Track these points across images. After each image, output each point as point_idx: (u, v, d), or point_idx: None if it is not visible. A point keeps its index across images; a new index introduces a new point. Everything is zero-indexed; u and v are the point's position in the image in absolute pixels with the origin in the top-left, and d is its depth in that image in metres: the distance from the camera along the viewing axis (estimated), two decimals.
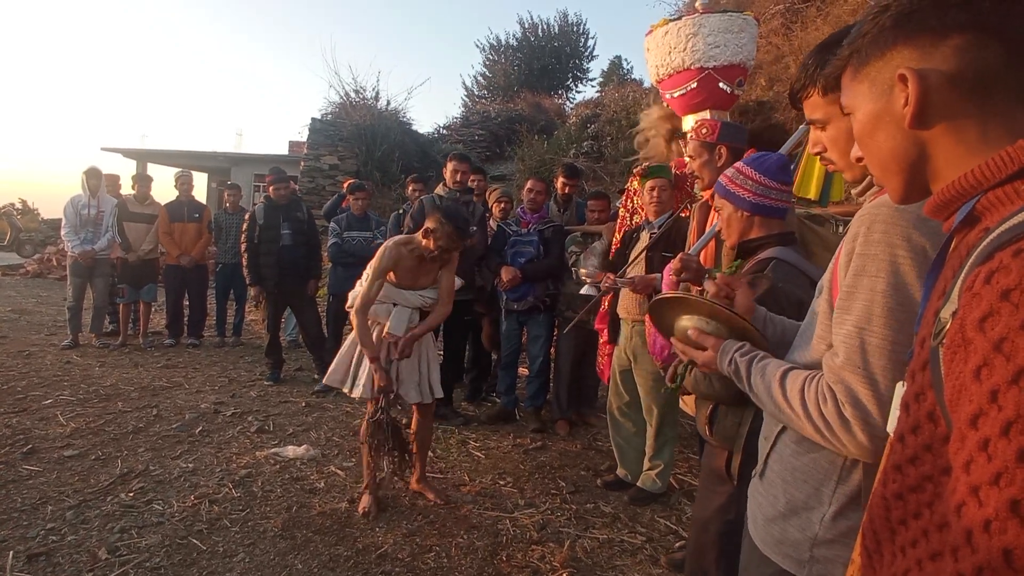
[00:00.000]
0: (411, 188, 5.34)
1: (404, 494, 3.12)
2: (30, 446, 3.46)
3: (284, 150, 17.45)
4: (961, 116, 0.62)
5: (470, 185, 4.53)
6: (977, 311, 0.49)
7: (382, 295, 2.90)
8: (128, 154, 17.22)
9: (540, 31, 19.89)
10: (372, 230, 5.23)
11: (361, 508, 2.91)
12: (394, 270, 2.86)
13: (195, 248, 6.25)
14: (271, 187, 5.04)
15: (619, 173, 9.02)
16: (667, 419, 3.19)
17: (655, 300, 1.25)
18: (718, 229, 2.17)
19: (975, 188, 0.60)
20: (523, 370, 4.79)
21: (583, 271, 3.48)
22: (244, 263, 5.04)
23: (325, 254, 5.77)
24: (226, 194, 6.74)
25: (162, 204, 6.35)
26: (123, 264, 6.07)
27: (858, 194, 1.11)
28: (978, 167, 0.59)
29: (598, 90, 17.15)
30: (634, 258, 3.23)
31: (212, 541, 2.63)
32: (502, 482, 3.38)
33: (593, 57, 20.62)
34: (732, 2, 7.70)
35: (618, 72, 19.17)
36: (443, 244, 2.78)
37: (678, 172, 3.43)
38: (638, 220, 3.56)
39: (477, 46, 31.09)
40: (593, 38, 20.50)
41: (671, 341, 1.27)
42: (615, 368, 3.37)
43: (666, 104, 4.45)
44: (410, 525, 2.85)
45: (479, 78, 20.61)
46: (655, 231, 3.20)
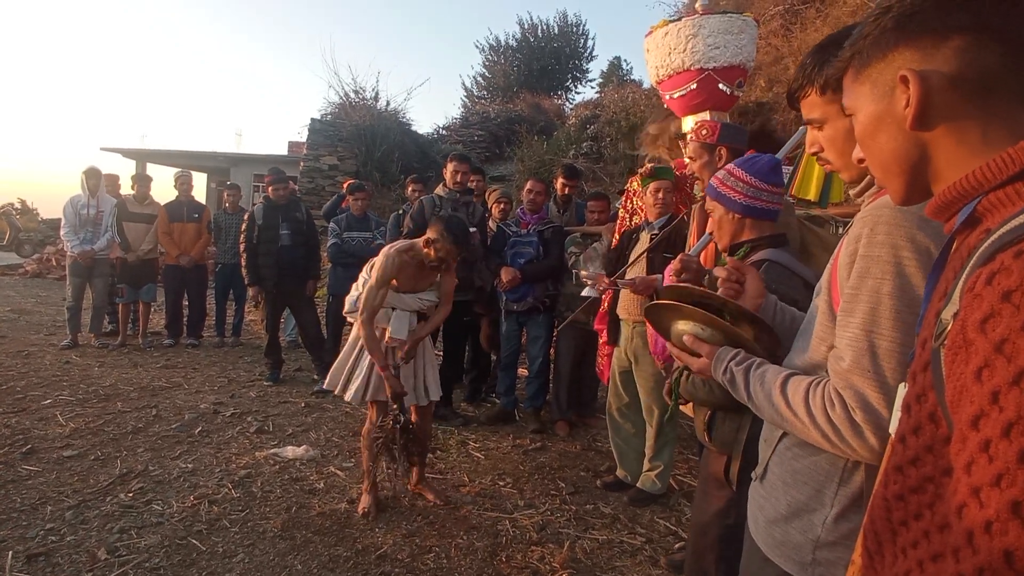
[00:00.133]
0: (411, 188, 5.35)
1: (404, 495, 3.12)
2: (29, 446, 3.46)
3: (284, 150, 17.42)
4: (962, 117, 0.62)
5: (470, 186, 4.53)
6: (978, 312, 0.49)
7: None
8: (127, 154, 17.21)
9: (540, 32, 19.91)
10: (372, 230, 5.24)
11: (361, 509, 2.91)
12: (395, 276, 2.88)
13: (194, 248, 6.25)
14: (270, 187, 5.03)
15: (619, 174, 9.03)
16: (668, 420, 3.19)
17: (649, 305, 1.24)
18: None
19: (976, 189, 0.60)
20: (523, 371, 4.79)
21: (583, 273, 3.48)
22: (243, 263, 5.04)
23: (324, 254, 5.77)
24: (225, 194, 6.74)
25: (161, 204, 6.35)
26: (122, 264, 6.06)
27: (856, 195, 1.11)
28: (979, 168, 0.59)
29: (597, 91, 17.18)
30: (635, 259, 3.23)
31: (212, 541, 2.63)
32: (502, 483, 3.37)
33: (592, 58, 20.69)
34: (732, 3, 7.71)
35: (618, 73, 19.20)
36: (443, 256, 2.83)
37: (678, 173, 3.44)
38: (637, 221, 3.57)
39: (477, 47, 31.17)
40: (593, 39, 20.57)
41: (668, 345, 1.27)
42: (615, 369, 3.37)
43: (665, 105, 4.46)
44: (410, 526, 2.85)
45: (479, 79, 20.66)
46: (655, 232, 3.20)
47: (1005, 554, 0.43)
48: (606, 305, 3.56)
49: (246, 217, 5.15)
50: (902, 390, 0.69)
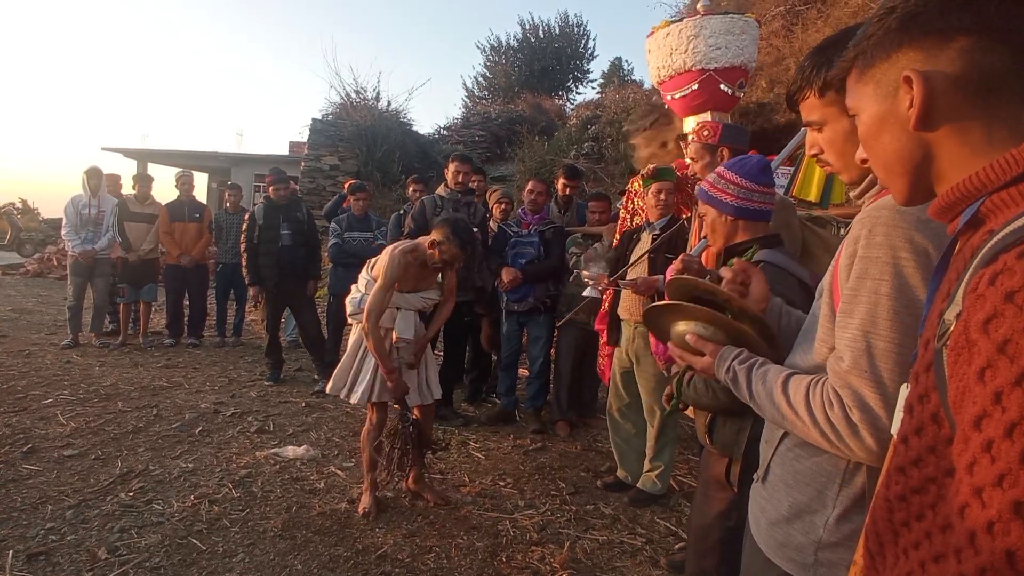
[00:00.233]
0: (412, 189, 5.36)
1: (404, 495, 3.12)
2: (30, 445, 3.46)
3: (284, 150, 17.45)
4: (966, 118, 0.62)
5: (471, 186, 4.53)
6: (981, 313, 0.49)
7: None
8: (129, 154, 17.23)
9: (541, 32, 19.91)
10: (373, 230, 5.24)
11: (361, 508, 2.91)
12: (401, 277, 2.88)
13: (195, 248, 6.26)
14: (271, 187, 5.04)
15: (620, 174, 9.02)
16: (668, 421, 3.19)
17: (650, 307, 1.23)
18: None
19: (980, 190, 0.60)
20: (523, 371, 4.79)
21: (584, 273, 3.48)
22: (243, 263, 5.04)
23: (325, 254, 5.78)
24: (227, 194, 6.74)
25: (163, 204, 6.36)
26: (123, 264, 6.07)
27: (856, 196, 1.11)
28: (983, 169, 0.59)
29: (598, 91, 17.17)
30: (636, 260, 3.23)
31: (212, 541, 2.63)
32: (502, 483, 3.37)
33: (593, 58, 20.68)
34: (733, 4, 7.72)
35: (618, 73, 19.20)
36: (447, 259, 2.84)
37: (679, 174, 3.44)
38: (638, 221, 3.57)
39: (478, 47, 31.18)
40: (594, 39, 20.56)
41: (668, 346, 1.27)
42: (616, 369, 3.37)
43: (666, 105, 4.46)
44: (410, 526, 2.85)
45: (480, 79, 20.66)
46: (656, 232, 3.20)
47: (1007, 554, 0.43)
48: (606, 306, 3.57)
49: (247, 217, 5.15)
50: (904, 391, 0.69)
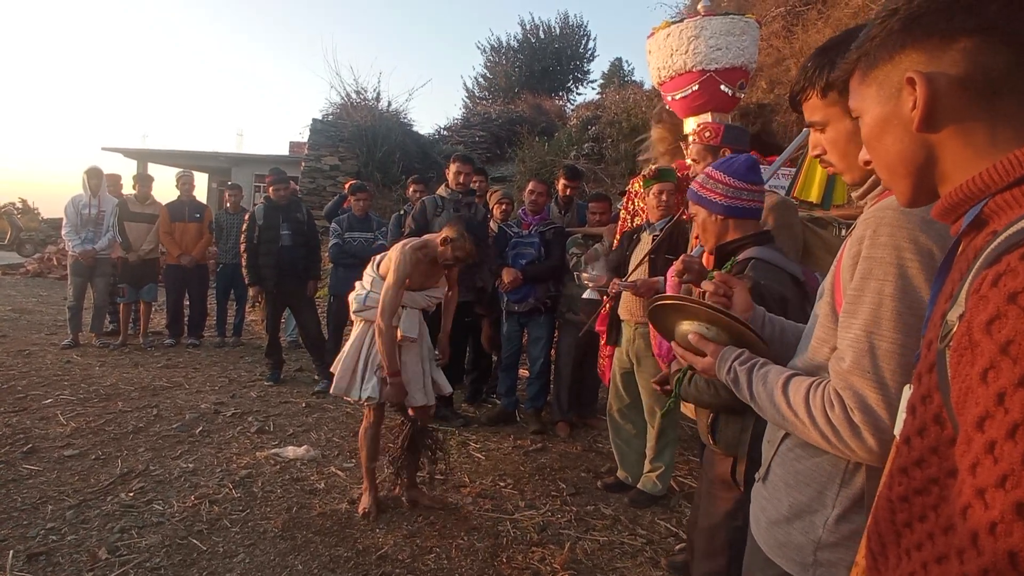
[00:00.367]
0: (412, 189, 5.36)
1: (404, 496, 3.12)
2: (30, 445, 3.46)
3: (285, 150, 17.44)
4: (969, 119, 0.62)
5: (472, 187, 4.53)
6: (984, 314, 0.49)
7: None
8: (129, 154, 17.22)
9: (541, 32, 19.92)
10: (373, 231, 5.25)
11: (361, 509, 2.91)
12: (411, 274, 2.87)
13: (196, 248, 6.26)
14: (271, 187, 5.04)
15: (620, 175, 9.02)
16: (668, 421, 3.19)
17: (654, 305, 1.24)
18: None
19: (983, 191, 0.60)
20: (523, 372, 4.78)
21: (585, 275, 3.48)
22: (243, 263, 5.04)
23: (325, 255, 5.77)
24: (227, 194, 6.75)
25: (163, 204, 6.36)
26: (124, 264, 6.07)
27: (858, 197, 1.11)
28: (986, 171, 0.59)
29: (599, 92, 17.17)
30: (637, 261, 3.23)
31: (212, 541, 2.63)
32: (502, 484, 3.37)
33: (594, 59, 20.70)
34: (734, 4, 7.72)
35: (619, 74, 19.20)
36: (461, 255, 2.85)
37: (680, 175, 3.44)
38: (639, 222, 3.57)
39: (478, 47, 31.21)
40: (594, 40, 20.58)
41: (671, 345, 1.27)
42: (616, 370, 3.37)
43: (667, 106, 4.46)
44: (410, 526, 2.85)
45: (480, 79, 20.67)
46: (656, 233, 3.20)
47: (1009, 555, 0.43)
48: (607, 306, 3.56)
49: (247, 217, 5.16)
50: (907, 392, 0.69)
